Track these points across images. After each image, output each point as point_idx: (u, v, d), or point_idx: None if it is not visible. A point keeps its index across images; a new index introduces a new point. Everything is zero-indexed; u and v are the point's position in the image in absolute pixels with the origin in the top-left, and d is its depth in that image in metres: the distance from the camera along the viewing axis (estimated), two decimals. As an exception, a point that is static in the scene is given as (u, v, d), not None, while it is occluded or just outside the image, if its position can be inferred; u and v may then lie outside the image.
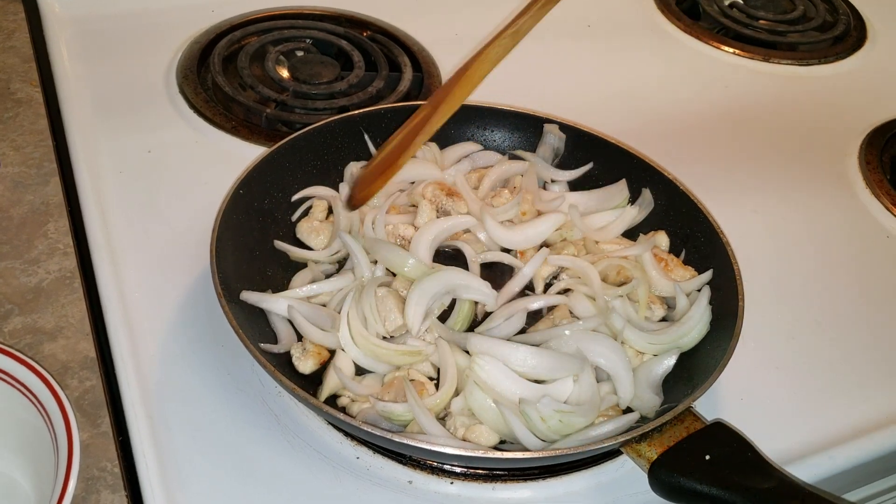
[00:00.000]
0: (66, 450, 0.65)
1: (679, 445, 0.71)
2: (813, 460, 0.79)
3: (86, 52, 1.16)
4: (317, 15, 1.29)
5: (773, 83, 1.32)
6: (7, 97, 1.08)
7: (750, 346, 0.87)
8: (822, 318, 0.95)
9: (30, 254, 0.89)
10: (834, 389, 0.87)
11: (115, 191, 0.97)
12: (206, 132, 1.06)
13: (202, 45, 1.18)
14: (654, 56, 1.34)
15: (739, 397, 0.84)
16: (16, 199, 0.95)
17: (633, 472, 0.75)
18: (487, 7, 1.38)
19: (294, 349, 0.79)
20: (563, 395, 0.77)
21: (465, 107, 1.02)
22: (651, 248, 0.90)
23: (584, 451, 0.70)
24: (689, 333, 0.83)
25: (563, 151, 1.02)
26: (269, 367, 0.71)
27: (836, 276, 1.00)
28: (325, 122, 0.97)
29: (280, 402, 0.79)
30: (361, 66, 1.18)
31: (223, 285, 0.77)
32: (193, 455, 0.74)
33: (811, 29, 1.44)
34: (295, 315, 0.80)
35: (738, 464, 0.69)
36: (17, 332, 0.82)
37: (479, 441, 0.74)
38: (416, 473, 0.75)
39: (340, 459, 0.76)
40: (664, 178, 0.96)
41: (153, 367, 0.80)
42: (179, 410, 0.77)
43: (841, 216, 1.09)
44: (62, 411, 0.67)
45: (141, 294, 0.86)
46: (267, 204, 0.92)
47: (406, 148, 0.86)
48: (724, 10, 1.45)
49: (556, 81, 1.25)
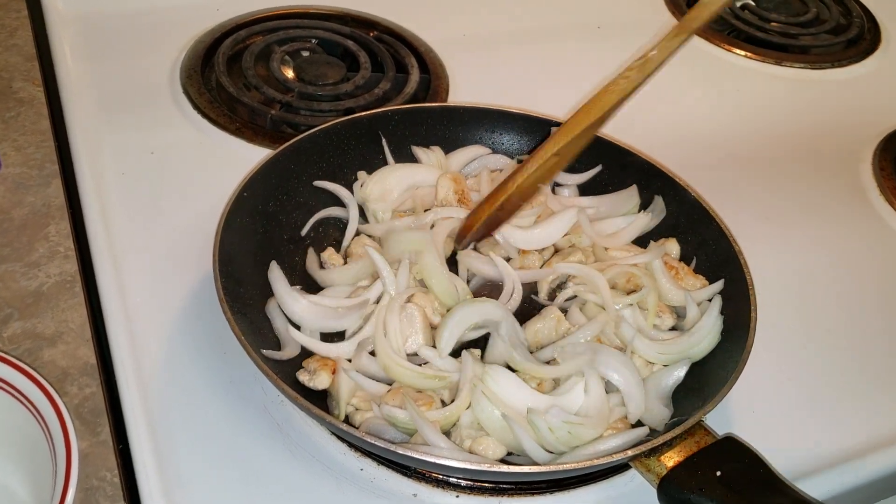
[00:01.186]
0: (64, 460, 0.64)
1: (689, 460, 0.69)
2: (826, 476, 0.78)
3: (89, 50, 1.15)
4: (323, 14, 1.27)
5: (785, 87, 1.30)
6: (9, 96, 1.06)
7: (761, 357, 0.85)
8: (836, 328, 0.93)
9: (30, 257, 0.88)
10: (848, 401, 0.86)
11: (117, 192, 0.95)
12: (209, 133, 1.05)
13: (206, 45, 1.16)
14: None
15: (751, 409, 0.83)
16: (17, 201, 0.94)
17: (641, 487, 0.73)
18: (496, 8, 1.37)
19: (300, 374, 0.77)
20: (573, 406, 0.75)
21: (472, 110, 1.01)
22: (661, 256, 0.89)
23: (592, 465, 0.68)
24: (700, 344, 0.82)
25: (571, 155, 1.00)
26: (272, 377, 0.70)
27: (850, 284, 0.99)
28: (331, 125, 0.95)
29: (283, 411, 0.77)
30: (368, 66, 1.17)
31: (226, 291, 0.76)
32: (195, 464, 0.73)
33: (824, 32, 1.42)
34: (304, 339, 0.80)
35: (750, 480, 0.67)
36: (17, 338, 0.81)
37: (485, 453, 0.73)
38: (420, 486, 0.74)
39: (344, 471, 0.74)
40: (675, 183, 0.94)
41: (154, 374, 0.79)
42: (180, 418, 0.76)
43: (855, 223, 1.07)
44: (60, 420, 0.66)
45: (142, 299, 0.85)
46: (272, 207, 0.90)
47: (529, 187, 0.84)
48: (735, 12, 1.43)
49: (566, 84, 1.23)
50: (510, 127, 1.02)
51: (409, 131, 0.99)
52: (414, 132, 0.99)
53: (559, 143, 0.81)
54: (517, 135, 1.02)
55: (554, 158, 0.82)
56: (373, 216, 0.93)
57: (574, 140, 0.81)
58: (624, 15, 1.41)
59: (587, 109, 0.80)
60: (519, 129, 1.02)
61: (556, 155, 0.82)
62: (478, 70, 1.22)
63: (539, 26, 1.35)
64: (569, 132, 0.81)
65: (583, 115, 0.80)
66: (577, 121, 0.81)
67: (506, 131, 1.02)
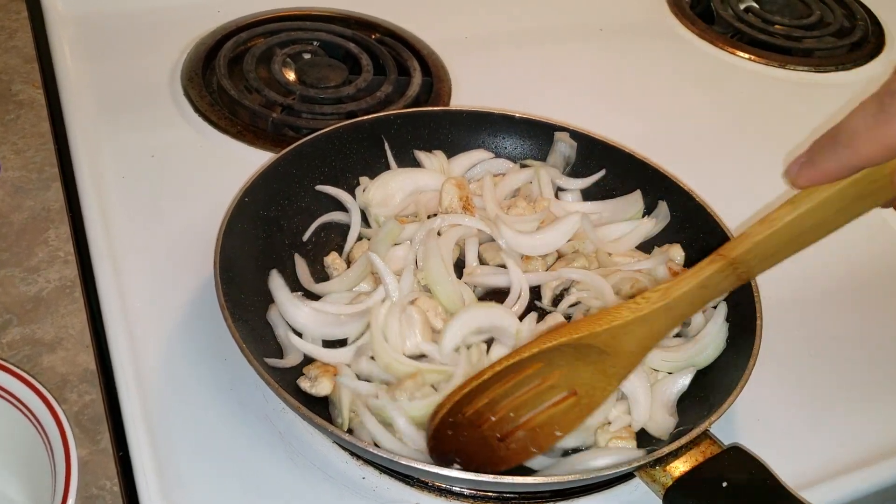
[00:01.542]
0: (63, 469, 0.63)
1: (695, 471, 0.68)
2: (834, 485, 0.77)
3: (89, 52, 1.14)
4: (325, 16, 1.26)
5: (788, 90, 1.29)
6: (9, 99, 1.06)
7: (768, 365, 0.84)
8: (845, 335, 0.92)
9: (30, 261, 0.87)
10: (856, 410, 0.85)
11: (118, 196, 0.95)
12: (210, 136, 1.04)
13: (208, 47, 1.15)
14: (667, 61, 1.32)
15: (756, 418, 0.82)
16: (16, 205, 0.93)
17: (646, 496, 0.73)
18: (498, 9, 1.37)
19: (301, 381, 0.76)
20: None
21: (475, 114, 1.01)
22: (665, 262, 0.88)
23: (595, 476, 0.68)
24: (705, 351, 0.81)
25: (574, 160, 0.99)
26: (273, 385, 0.69)
27: (858, 291, 0.98)
28: (334, 128, 0.94)
29: (284, 419, 0.77)
30: (370, 69, 1.16)
31: (227, 297, 0.75)
32: (195, 473, 0.72)
33: (828, 34, 1.41)
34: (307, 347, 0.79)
35: (757, 491, 0.67)
36: (16, 344, 0.80)
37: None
38: (423, 495, 0.73)
39: (345, 479, 0.74)
40: (679, 188, 0.93)
41: (155, 381, 0.78)
42: (181, 426, 0.75)
43: (861, 229, 1.05)
44: (60, 429, 0.65)
45: (143, 304, 0.84)
46: (273, 212, 0.89)
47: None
48: (739, 15, 1.42)
49: (569, 87, 1.23)
50: (513, 131, 1.01)
51: (411, 135, 0.98)
52: (416, 136, 0.99)
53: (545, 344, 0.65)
54: (520, 139, 1.01)
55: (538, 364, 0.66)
56: (375, 221, 0.92)
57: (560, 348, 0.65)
58: (626, 17, 1.40)
59: (594, 320, 0.65)
60: (521, 133, 1.01)
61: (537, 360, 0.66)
62: (480, 72, 1.21)
63: (541, 28, 1.35)
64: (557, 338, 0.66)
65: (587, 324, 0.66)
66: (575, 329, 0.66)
67: (508, 135, 1.01)
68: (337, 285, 0.86)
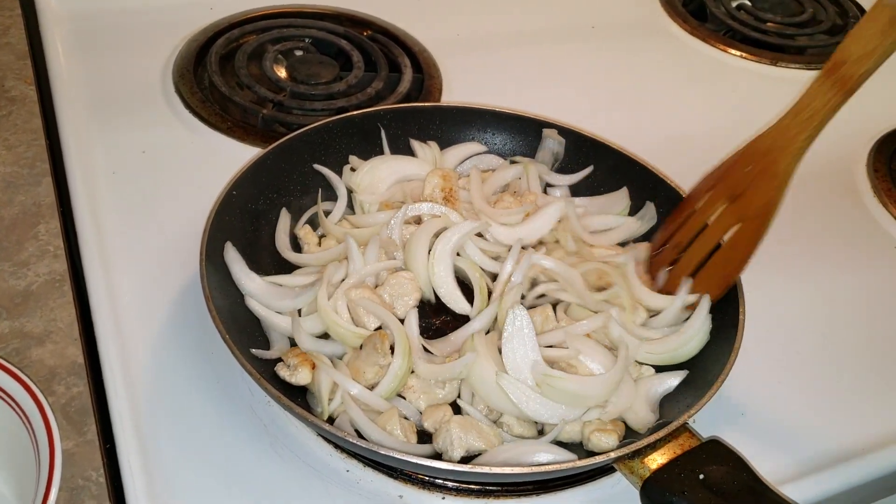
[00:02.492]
0: (47, 460, 0.64)
1: (673, 463, 0.69)
2: (814, 480, 0.77)
3: (82, 49, 1.15)
4: (316, 14, 1.27)
5: (780, 87, 1.29)
6: (1, 95, 1.06)
7: (751, 359, 0.85)
8: (828, 331, 0.93)
9: (19, 256, 0.88)
10: (838, 405, 0.85)
11: (108, 192, 0.95)
12: (201, 133, 1.05)
13: (199, 44, 1.16)
14: (659, 58, 1.32)
15: (740, 412, 0.83)
16: (7, 200, 0.94)
17: (628, 489, 0.73)
18: (490, 8, 1.37)
19: (279, 368, 0.76)
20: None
21: (464, 110, 1.01)
22: (633, 260, 0.88)
23: (575, 467, 0.68)
24: (688, 344, 0.81)
25: (562, 156, 1.00)
26: (254, 374, 0.70)
27: (843, 287, 0.98)
28: (322, 123, 0.95)
29: (269, 412, 0.77)
30: (361, 66, 1.17)
31: (213, 289, 0.76)
32: (180, 465, 0.73)
33: (820, 32, 1.41)
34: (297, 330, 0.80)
35: (732, 484, 0.67)
36: (5, 337, 0.81)
37: (435, 415, 0.74)
38: (406, 487, 0.74)
39: (330, 472, 0.74)
40: (666, 185, 0.94)
41: (142, 374, 0.79)
42: (167, 418, 0.76)
43: (848, 225, 1.07)
44: (45, 421, 0.66)
45: (131, 298, 0.85)
46: (261, 205, 0.90)
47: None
48: (731, 12, 1.42)
49: (560, 84, 1.23)
50: (502, 127, 1.02)
51: (400, 130, 0.99)
52: (406, 131, 0.99)
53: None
54: (509, 135, 1.02)
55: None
56: (360, 207, 0.93)
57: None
58: (618, 15, 1.40)
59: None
60: (511, 130, 1.02)
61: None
62: (471, 70, 1.22)
63: (533, 26, 1.35)
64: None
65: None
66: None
67: (498, 131, 1.02)
68: (312, 259, 0.87)
